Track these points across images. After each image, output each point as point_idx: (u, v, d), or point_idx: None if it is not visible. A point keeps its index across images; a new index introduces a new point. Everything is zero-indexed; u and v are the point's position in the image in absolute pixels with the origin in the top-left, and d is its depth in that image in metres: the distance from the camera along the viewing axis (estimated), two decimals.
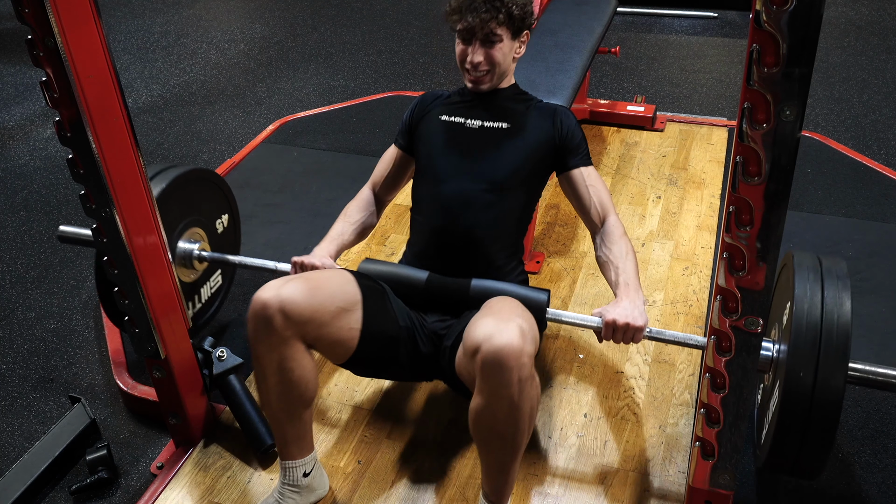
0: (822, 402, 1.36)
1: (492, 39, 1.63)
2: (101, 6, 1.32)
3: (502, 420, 1.36)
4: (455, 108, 1.77)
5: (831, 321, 1.40)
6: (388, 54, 4.45)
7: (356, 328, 1.54)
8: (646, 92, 3.72)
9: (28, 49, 1.32)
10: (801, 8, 0.96)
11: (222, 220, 2.13)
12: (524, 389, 1.33)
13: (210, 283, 2.13)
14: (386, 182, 1.91)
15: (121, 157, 1.44)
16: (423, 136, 1.81)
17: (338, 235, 1.82)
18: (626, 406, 1.88)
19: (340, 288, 1.55)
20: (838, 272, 1.50)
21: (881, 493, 1.67)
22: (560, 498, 1.66)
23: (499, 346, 1.29)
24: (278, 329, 1.43)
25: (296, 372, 1.48)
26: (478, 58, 1.65)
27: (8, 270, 2.61)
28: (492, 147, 1.72)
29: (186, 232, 1.97)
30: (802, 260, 1.55)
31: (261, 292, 1.45)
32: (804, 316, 1.42)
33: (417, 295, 1.68)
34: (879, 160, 2.98)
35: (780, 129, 1.05)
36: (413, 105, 1.88)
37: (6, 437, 1.95)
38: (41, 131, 3.67)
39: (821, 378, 1.37)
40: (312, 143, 3.33)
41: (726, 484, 1.42)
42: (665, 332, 1.57)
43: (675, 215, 2.63)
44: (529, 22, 1.70)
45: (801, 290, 1.46)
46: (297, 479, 1.59)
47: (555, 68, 2.47)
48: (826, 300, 1.43)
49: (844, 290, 1.45)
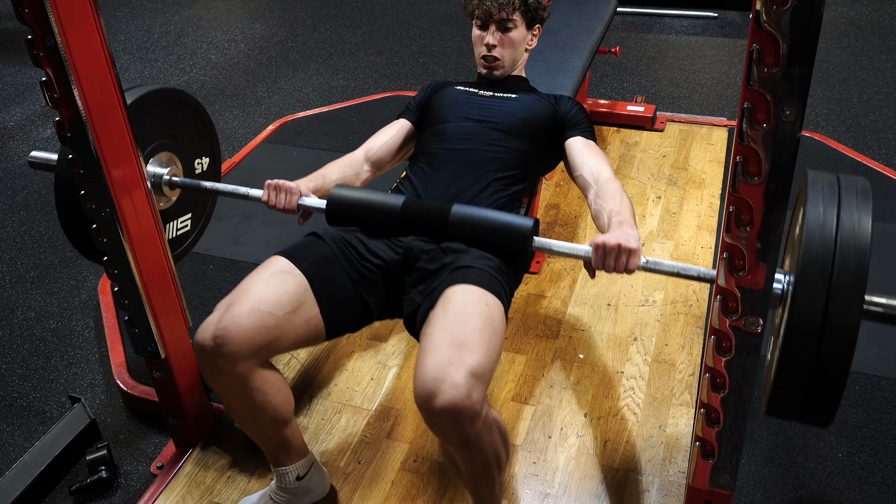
0: (834, 334, 1.17)
1: (507, 25, 1.77)
2: (101, 6, 1.32)
3: (464, 465, 1.34)
4: (469, 84, 1.89)
5: (847, 243, 1.22)
6: (388, 54, 4.45)
7: (315, 314, 1.45)
8: (646, 92, 3.73)
9: (28, 49, 1.32)
10: (801, 8, 0.96)
11: (202, 162, 1.92)
12: (479, 439, 1.26)
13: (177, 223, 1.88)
14: (383, 149, 1.84)
15: (121, 157, 1.44)
16: (435, 102, 1.87)
17: (320, 176, 1.74)
18: (626, 406, 1.88)
19: (280, 289, 1.43)
20: (858, 188, 1.30)
21: (881, 493, 1.67)
22: (560, 498, 1.66)
23: (442, 407, 1.19)
24: (224, 368, 1.37)
25: (257, 399, 1.43)
26: (493, 40, 1.78)
27: (8, 270, 2.61)
28: (500, 106, 1.80)
29: (157, 154, 1.74)
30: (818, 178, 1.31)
31: (198, 335, 1.38)
32: (816, 237, 1.21)
33: (393, 222, 1.55)
34: (879, 160, 2.98)
35: (780, 129, 1.05)
36: (426, 86, 1.95)
37: (6, 437, 1.95)
38: (41, 131, 3.67)
39: (832, 307, 1.18)
40: (312, 143, 3.33)
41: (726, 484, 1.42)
42: (663, 263, 1.36)
43: (675, 215, 2.64)
44: (542, 15, 1.84)
45: (813, 208, 1.24)
46: (290, 483, 1.58)
47: (555, 68, 2.47)
48: (841, 219, 1.23)
49: (864, 207, 1.26)
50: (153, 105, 1.69)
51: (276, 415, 1.47)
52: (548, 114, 1.79)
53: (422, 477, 1.72)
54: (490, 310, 1.35)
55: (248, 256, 2.55)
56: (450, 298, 1.36)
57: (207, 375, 1.42)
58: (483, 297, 1.36)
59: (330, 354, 2.09)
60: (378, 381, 1.99)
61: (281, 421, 1.49)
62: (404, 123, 1.89)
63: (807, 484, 1.68)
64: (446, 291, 1.38)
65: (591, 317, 2.19)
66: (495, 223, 1.49)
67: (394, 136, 1.87)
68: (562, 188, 2.81)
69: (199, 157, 1.90)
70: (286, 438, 1.53)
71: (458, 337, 1.26)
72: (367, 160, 1.83)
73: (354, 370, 2.03)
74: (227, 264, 2.52)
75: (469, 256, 1.46)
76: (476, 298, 1.36)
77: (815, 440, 1.79)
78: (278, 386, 1.46)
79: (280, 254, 1.52)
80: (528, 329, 2.14)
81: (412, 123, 1.89)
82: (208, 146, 1.93)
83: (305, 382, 2.00)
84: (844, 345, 1.18)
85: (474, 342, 1.26)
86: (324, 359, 2.07)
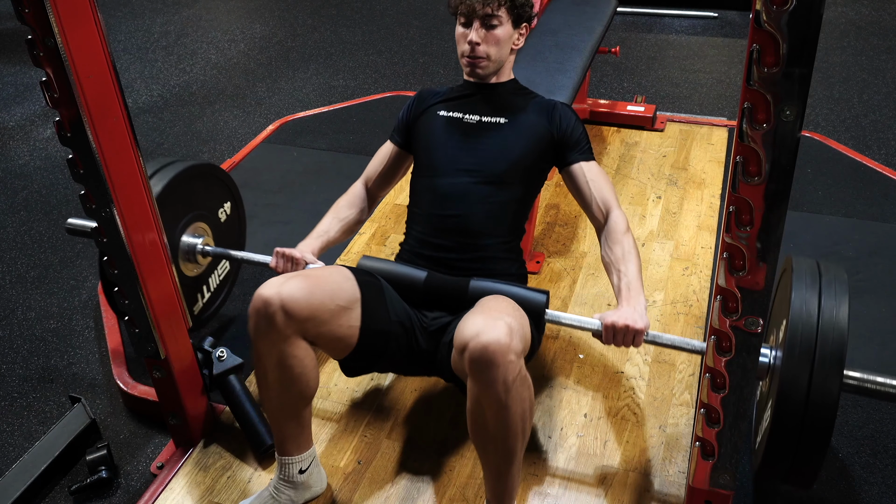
0: (817, 410, 1.36)
1: (492, 22, 1.66)
2: (101, 6, 1.32)
3: (492, 420, 1.36)
4: (454, 104, 1.79)
5: (827, 328, 1.40)
6: (388, 54, 4.45)
7: (355, 326, 1.54)
8: (646, 92, 3.72)
9: (28, 49, 1.32)
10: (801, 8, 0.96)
11: (225, 209, 2.13)
12: (512, 389, 1.33)
13: (217, 272, 2.15)
14: (379, 178, 1.92)
15: (121, 157, 1.44)
16: (421, 132, 1.81)
17: (323, 233, 1.85)
18: (626, 406, 1.88)
19: (340, 286, 1.55)
20: (837, 279, 1.50)
21: (881, 493, 1.67)
22: (560, 498, 1.66)
23: (485, 344, 1.30)
24: (279, 326, 1.43)
25: (296, 369, 1.49)
26: (476, 37, 1.67)
27: (8, 270, 2.61)
28: (489, 141, 1.73)
29: (190, 227, 1.97)
30: (801, 266, 1.55)
31: (262, 289, 1.45)
32: (800, 323, 1.42)
33: (416, 293, 1.67)
34: (879, 160, 2.98)
35: (780, 129, 1.05)
36: (410, 102, 1.88)
37: (6, 437, 1.95)
38: (41, 131, 3.67)
39: (815, 385, 1.37)
40: (312, 143, 3.33)
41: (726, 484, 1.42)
42: (663, 336, 1.56)
43: (675, 215, 2.63)
44: (530, 13, 1.73)
45: (798, 296, 1.46)
46: (293, 476, 1.59)
47: (555, 68, 2.47)
48: (823, 308, 1.43)
49: (842, 297, 1.45)
50: (178, 187, 1.90)
51: (305, 391, 1.53)
52: (542, 135, 1.74)
53: (422, 477, 1.72)
54: (519, 309, 1.49)
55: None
56: (480, 302, 1.52)
57: (260, 332, 1.46)
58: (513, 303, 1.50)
59: None
60: (378, 382, 1.99)
61: (306, 398, 1.55)
62: (393, 149, 1.90)
63: None
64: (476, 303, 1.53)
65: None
66: (512, 297, 1.58)
67: (387, 164, 1.91)
68: (562, 188, 2.81)
69: (221, 207, 2.14)
70: (302, 421, 1.57)
71: (491, 311, 1.41)
72: (368, 191, 1.94)
73: None
74: None
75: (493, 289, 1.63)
76: (507, 300, 1.51)
77: None
78: (313, 365, 1.53)
79: (342, 265, 1.66)
80: None
81: (399, 147, 1.89)
82: (227, 192, 2.16)
83: None
84: (826, 416, 1.36)
85: (510, 314, 1.40)
86: (324, 358, 2.06)
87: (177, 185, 1.89)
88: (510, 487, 1.48)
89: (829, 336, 1.39)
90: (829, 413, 1.36)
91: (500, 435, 1.38)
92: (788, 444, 1.41)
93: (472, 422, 1.41)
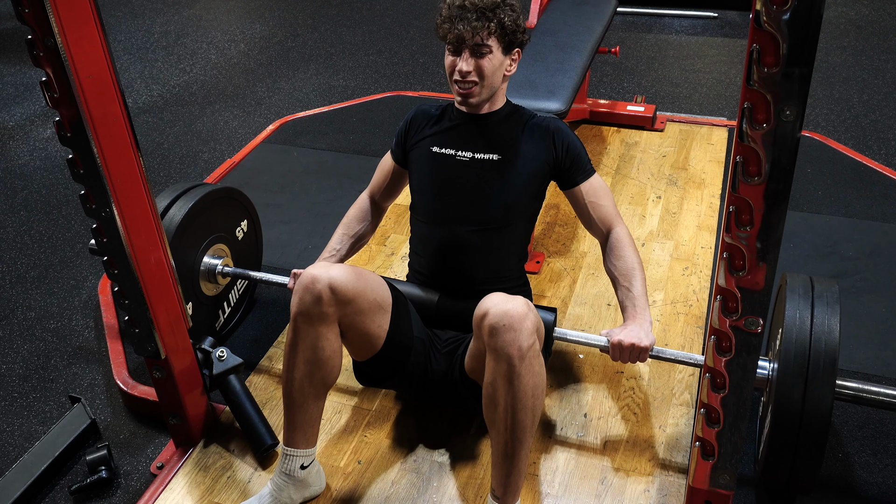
0: (811, 420, 1.44)
1: (482, 50, 1.59)
2: (101, 6, 1.32)
3: (503, 391, 1.41)
4: (446, 138, 1.75)
5: (819, 342, 1.48)
6: (388, 54, 4.45)
7: (384, 328, 1.60)
8: (646, 92, 3.72)
9: (28, 49, 1.32)
10: (801, 8, 0.96)
11: (242, 227, 2.19)
12: (526, 358, 1.39)
13: (237, 287, 2.21)
14: (384, 191, 1.96)
15: (121, 157, 1.44)
16: (414, 165, 1.82)
17: (335, 250, 1.91)
18: (626, 406, 1.88)
19: (379, 284, 1.62)
20: (828, 295, 1.57)
21: (881, 493, 1.67)
22: (560, 498, 1.66)
23: (505, 310, 1.39)
24: (324, 303, 1.49)
25: (326, 351, 1.54)
26: (466, 67, 1.60)
27: (8, 270, 2.61)
28: (484, 184, 1.70)
29: (210, 249, 2.04)
30: (795, 283, 1.63)
31: (311, 268, 1.53)
32: (794, 338, 1.50)
33: (430, 313, 1.75)
34: (879, 160, 2.98)
35: (780, 129, 1.05)
36: (406, 121, 1.85)
37: (6, 437, 1.95)
38: (41, 131, 3.67)
39: (809, 396, 1.44)
40: (312, 143, 3.33)
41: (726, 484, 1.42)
42: (666, 351, 1.65)
43: (675, 215, 2.63)
44: (521, 39, 1.66)
45: (791, 313, 1.54)
46: (294, 470, 1.60)
47: (555, 68, 2.47)
48: (815, 322, 1.51)
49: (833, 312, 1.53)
50: (200, 211, 1.96)
51: (328, 377, 1.57)
52: (539, 167, 1.72)
53: (422, 477, 1.72)
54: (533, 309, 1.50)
55: None
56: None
57: (303, 309, 1.51)
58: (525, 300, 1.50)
59: None
60: None
61: (327, 385, 1.59)
62: (392, 164, 1.91)
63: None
64: None
65: (591, 317, 2.19)
66: None
67: (389, 180, 1.93)
68: None
69: (238, 225, 2.19)
70: (315, 412, 1.60)
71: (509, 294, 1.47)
72: (375, 203, 1.98)
73: None
74: None
75: None
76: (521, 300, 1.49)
77: None
78: (340, 354, 1.58)
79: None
80: None
81: (398, 163, 1.90)
82: (244, 211, 2.21)
83: None
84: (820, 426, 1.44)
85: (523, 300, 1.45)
86: None
87: (197, 212, 1.95)
88: (516, 475, 1.48)
89: (821, 349, 1.47)
90: (823, 423, 1.43)
91: (510, 407, 1.42)
92: (786, 454, 1.48)
93: (486, 396, 1.46)
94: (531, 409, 1.43)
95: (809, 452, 1.46)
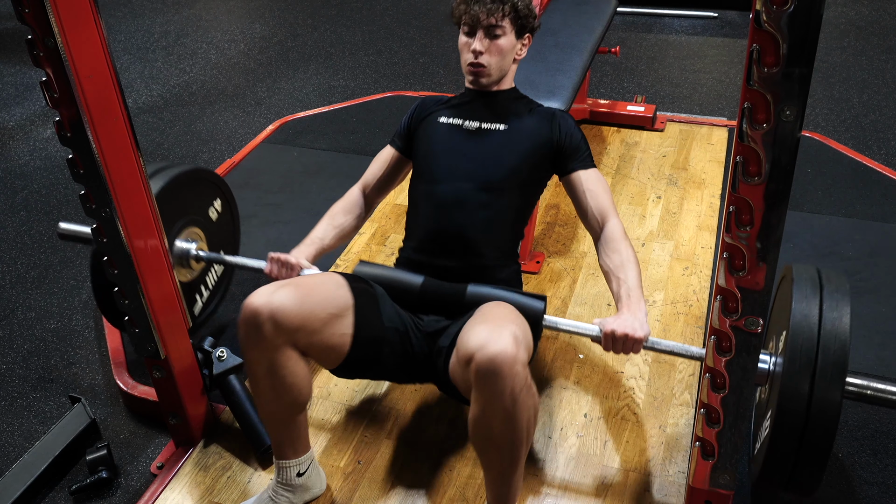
0: (818, 418, 1.35)
1: (496, 32, 1.67)
2: (101, 6, 1.32)
3: (498, 429, 1.35)
4: (454, 110, 1.79)
5: (829, 336, 1.38)
6: (388, 54, 4.45)
7: (348, 333, 1.53)
8: (646, 92, 3.72)
9: (28, 49, 1.32)
10: (801, 8, 0.96)
11: (215, 207, 2.09)
12: (519, 399, 1.31)
13: (213, 272, 2.13)
14: (378, 183, 1.92)
15: (121, 157, 1.44)
16: (421, 138, 1.81)
17: (318, 239, 1.83)
18: (626, 406, 1.88)
19: (332, 293, 1.53)
20: (838, 286, 1.47)
21: (881, 493, 1.67)
22: (560, 498, 1.66)
23: (492, 355, 1.28)
24: (268, 336, 1.42)
25: (287, 378, 1.47)
26: (480, 46, 1.68)
27: (8, 270, 2.61)
28: (488, 148, 1.72)
29: (182, 233, 1.95)
30: (801, 273, 1.52)
31: (251, 298, 1.43)
32: (801, 331, 1.40)
33: (412, 298, 1.66)
34: (879, 160, 2.98)
35: (780, 129, 1.05)
36: (413, 108, 1.88)
37: (6, 437, 1.95)
38: (41, 131, 3.67)
39: (817, 393, 1.35)
40: (312, 143, 3.33)
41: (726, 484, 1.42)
42: (662, 343, 1.54)
43: (675, 215, 2.63)
44: (532, 24, 1.74)
45: (798, 304, 1.44)
46: (291, 479, 1.59)
47: (555, 68, 2.47)
48: (824, 315, 1.41)
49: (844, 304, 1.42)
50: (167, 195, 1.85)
51: (298, 398, 1.52)
52: (541, 143, 1.74)
53: (422, 477, 1.72)
54: (521, 317, 1.48)
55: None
56: (481, 310, 1.51)
57: (250, 342, 1.44)
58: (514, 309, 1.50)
59: None
60: (378, 382, 1.99)
61: (299, 405, 1.54)
62: (393, 153, 1.89)
63: None
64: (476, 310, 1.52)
65: (592, 317, 2.19)
66: (509, 303, 1.56)
67: (386, 169, 1.90)
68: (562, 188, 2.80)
69: (211, 205, 2.09)
70: (298, 427, 1.57)
71: (495, 320, 1.40)
72: (365, 196, 1.93)
73: None
74: None
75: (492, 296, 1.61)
76: (508, 307, 1.50)
77: None
78: (305, 373, 1.51)
79: (335, 272, 1.63)
80: None
81: (400, 152, 1.89)
82: (217, 191, 2.11)
83: None
84: (828, 424, 1.35)
85: (511, 321, 1.39)
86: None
87: (164, 196, 1.82)
88: (513, 491, 1.46)
89: (830, 345, 1.37)
90: (831, 423, 1.35)
91: (506, 442, 1.37)
92: (788, 454, 1.39)
93: (476, 430, 1.39)
94: (526, 440, 1.38)
95: (814, 454, 1.37)
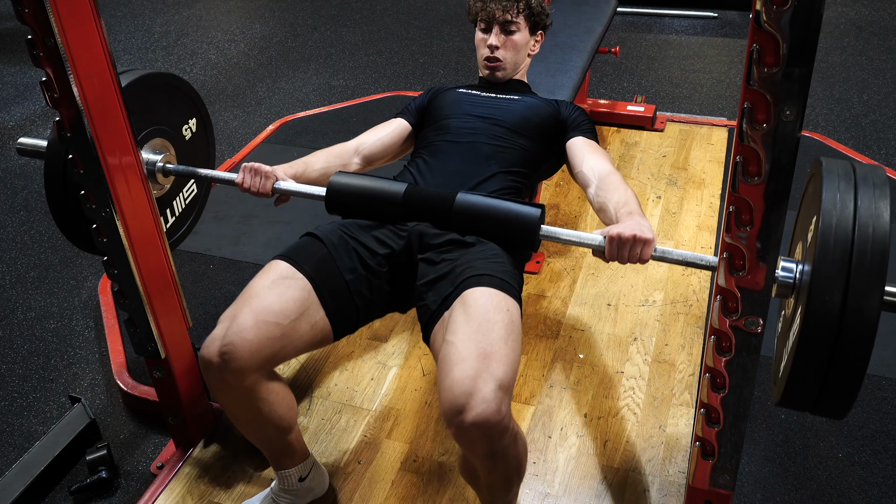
0: (852, 328, 1.15)
1: (511, 28, 1.80)
2: (101, 6, 1.32)
3: (485, 477, 1.32)
4: (470, 87, 1.90)
5: (865, 235, 1.15)
6: (388, 54, 4.45)
7: (320, 317, 1.43)
8: (646, 92, 3.73)
9: (28, 49, 1.32)
10: (801, 8, 0.96)
11: (190, 126, 1.92)
12: (506, 452, 1.25)
13: (183, 195, 1.94)
14: (377, 145, 1.82)
15: (121, 157, 1.44)
16: (436, 105, 1.86)
17: (302, 163, 1.75)
18: (626, 406, 1.88)
19: (287, 297, 1.40)
20: (875, 179, 1.23)
21: (881, 493, 1.67)
22: (560, 498, 1.66)
23: (473, 421, 1.17)
24: (231, 382, 1.35)
25: (264, 409, 1.42)
26: (496, 42, 1.81)
27: (8, 270, 2.61)
28: (502, 104, 1.81)
29: (148, 143, 1.74)
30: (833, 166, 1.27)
31: (204, 349, 1.35)
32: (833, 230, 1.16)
33: (396, 210, 1.53)
34: (879, 160, 2.98)
35: (780, 129, 1.05)
36: (428, 90, 1.95)
37: (6, 437, 1.95)
38: (41, 131, 3.67)
39: (851, 301, 1.14)
40: (312, 143, 3.33)
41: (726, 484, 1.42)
42: (673, 252, 1.38)
43: (675, 215, 2.63)
44: (545, 21, 1.88)
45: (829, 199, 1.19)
46: (293, 485, 1.59)
47: (555, 68, 2.47)
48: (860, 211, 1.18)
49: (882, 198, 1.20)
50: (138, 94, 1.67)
51: (281, 423, 1.46)
52: (550, 114, 1.79)
53: (422, 477, 1.72)
54: (511, 315, 1.34)
55: (248, 256, 2.56)
56: (470, 303, 1.34)
57: (214, 390, 1.40)
58: (504, 302, 1.35)
59: (330, 354, 2.09)
60: (378, 381, 1.99)
61: (285, 428, 1.48)
62: (401, 123, 1.87)
63: (807, 484, 1.69)
64: (465, 294, 1.36)
65: (591, 317, 2.19)
66: (502, 211, 1.45)
67: (389, 133, 1.84)
68: (562, 188, 2.81)
69: (185, 123, 1.89)
70: (289, 443, 1.53)
71: (483, 347, 1.24)
72: (358, 153, 1.82)
73: (354, 370, 2.03)
74: (228, 264, 2.53)
75: (482, 262, 1.43)
76: (497, 303, 1.34)
77: (815, 440, 1.79)
78: (283, 394, 1.45)
79: (280, 257, 1.49)
80: (528, 329, 2.14)
81: (410, 124, 1.87)
82: (192, 108, 1.92)
83: (305, 382, 2.00)
84: (864, 336, 1.16)
85: (500, 353, 1.25)
86: (324, 359, 2.07)
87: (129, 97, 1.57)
88: None
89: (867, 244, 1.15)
90: (869, 329, 1.16)
91: (496, 484, 1.34)
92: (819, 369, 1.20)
93: (464, 469, 1.38)
94: (516, 477, 1.35)
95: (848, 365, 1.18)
